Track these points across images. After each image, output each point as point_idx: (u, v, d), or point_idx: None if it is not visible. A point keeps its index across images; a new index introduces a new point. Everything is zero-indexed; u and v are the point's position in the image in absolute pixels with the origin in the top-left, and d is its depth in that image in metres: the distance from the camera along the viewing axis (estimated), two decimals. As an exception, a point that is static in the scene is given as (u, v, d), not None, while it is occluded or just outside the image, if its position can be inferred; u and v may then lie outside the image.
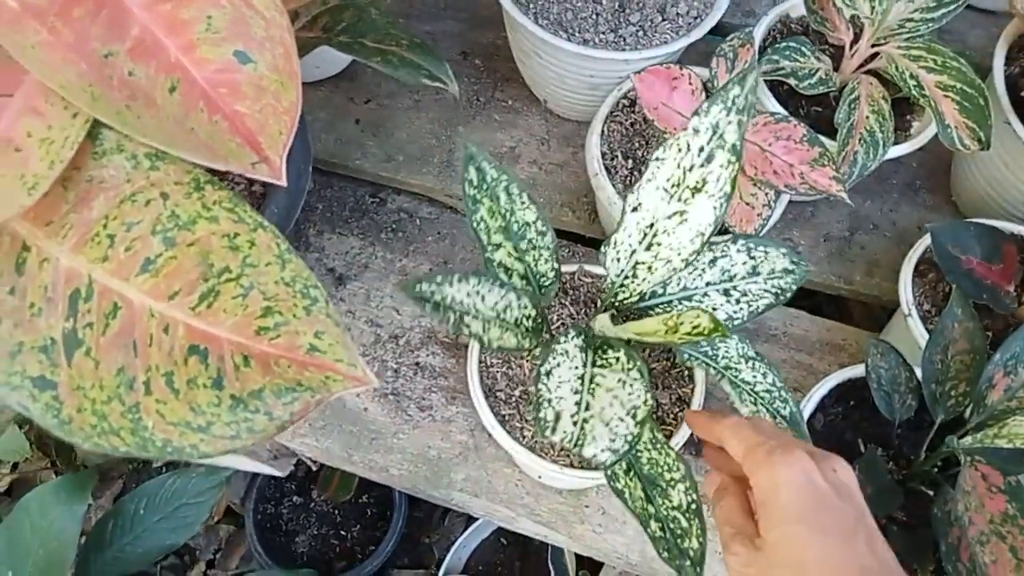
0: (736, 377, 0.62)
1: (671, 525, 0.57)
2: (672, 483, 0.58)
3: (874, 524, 0.49)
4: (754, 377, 0.63)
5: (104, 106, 0.46)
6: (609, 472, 0.59)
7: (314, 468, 1.23)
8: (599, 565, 1.11)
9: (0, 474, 1.27)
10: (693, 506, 0.57)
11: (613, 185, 0.80)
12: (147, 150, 0.48)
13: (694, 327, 0.50)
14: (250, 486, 1.23)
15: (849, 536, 0.47)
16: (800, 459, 0.48)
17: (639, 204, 0.58)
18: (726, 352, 0.62)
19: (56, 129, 0.48)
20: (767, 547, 0.48)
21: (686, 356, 0.63)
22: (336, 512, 1.25)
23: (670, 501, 0.58)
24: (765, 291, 0.61)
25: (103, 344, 0.45)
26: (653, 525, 0.57)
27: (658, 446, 0.59)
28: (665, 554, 0.57)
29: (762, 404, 0.62)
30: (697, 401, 0.69)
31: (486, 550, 1.25)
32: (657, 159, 0.58)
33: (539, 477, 0.78)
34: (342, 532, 1.24)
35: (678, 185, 0.57)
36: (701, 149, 0.57)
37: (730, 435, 0.53)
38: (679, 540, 0.56)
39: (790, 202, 0.82)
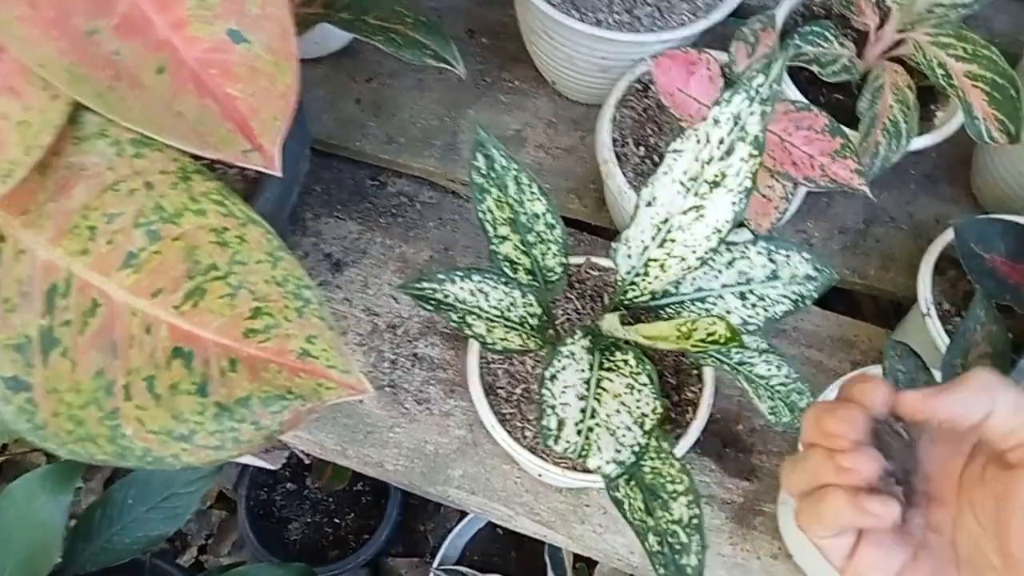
0: (751, 372, 0.60)
1: (670, 539, 0.54)
2: (674, 495, 0.55)
3: None
4: (768, 371, 0.60)
5: (86, 87, 0.43)
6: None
7: (307, 460, 1.21)
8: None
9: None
10: (694, 520, 0.54)
11: (624, 174, 0.77)
12: (132, 136, 0.45)
13: (709, 335, 0.47)
14: (243, 472, 1.21)
15: None
16: None
17: (654, 198, 0.55)
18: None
19: (34, 111, 0.44)
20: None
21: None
22: (330, 500, 1.23)
23: (670, 514, 0.55)
24: (784, 296, 0.58)
25: (81, 344, 0.42)
26: (651, 539, 0.54)
27: (662, 455, 0.56)
28: (662, 570, 0.54)
29: (779, 398, 0.59)
30: (706, 403, 0.67)
31: (482, 540, 1.23)
32: (674, 151, 0.54)
33: (539, 475, 0.76)
34: (336, 520, 1.22)
35: (695, 179, 0.54)
36: (721, 141, 0.53)
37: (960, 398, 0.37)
38: (677, 555, 0.54)
39: (806, 192, 0.79)
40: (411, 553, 1.28)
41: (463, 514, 1.24)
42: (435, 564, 1.18)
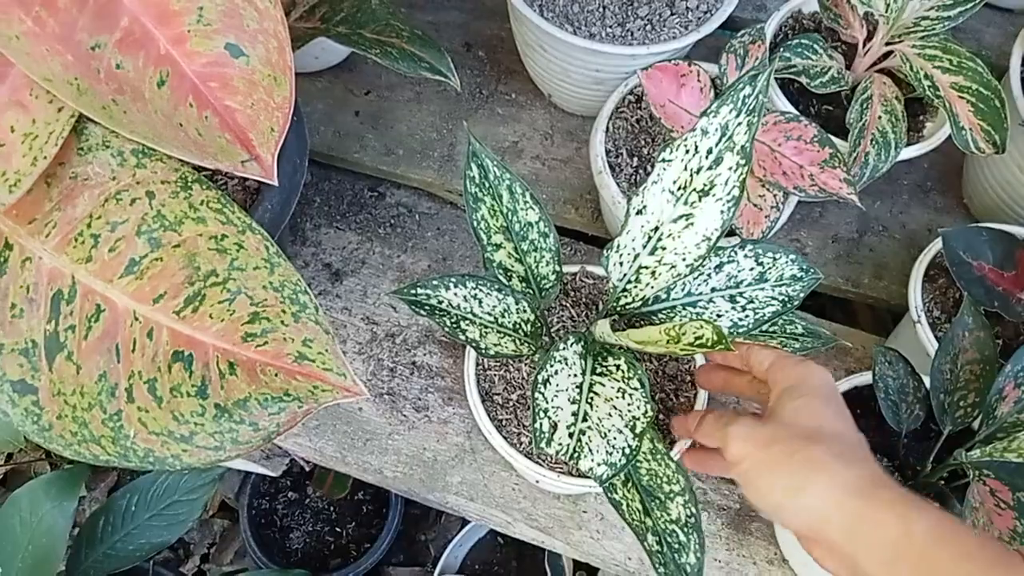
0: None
1: (668, 539, 0.55)
2: (671, 495, 0.56)
3: None
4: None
5: (90, 100, 0.45)
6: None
7: (307, 468, 1.21)
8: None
9: (-6, 465, 1.26)
10: (692, 520, 0.56)
11: (617, 184, 0.78)
12: (134, 146, 0.47)
13: (697, 338, 0.48)
14: (244, 481, 1.22)
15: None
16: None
17: (644, 207, 0.56)
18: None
19: (40, 124, 0.46)
20: (781, 416, 0.50)
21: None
22: (331, 508, 1.23)
23: (668, 514, 0.56)
24: (772, 298, 0.59)
25: (85, 348, 0.43)
26: (650, 539, 0.56)
27: (658, 457, 0.57)
28: (662, 569, 0.55)
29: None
30: (700, 405, 0.68)
31: (483, 549, 1.24)
32: (664, 160, 0.56)
33: (536, 482, 0.77)
34: (337, 529, 1.22)
35: (685, 188, 0.55)
36: (709, 151, 0.55)
37: (757, 351, 0.56)
38: (676, 554, 0.55)
39: (798, 202, 0.81)
40: (412, 562, 1.29)
41: (464, 523, 1.24)
42: (436, 573, 1.18)
